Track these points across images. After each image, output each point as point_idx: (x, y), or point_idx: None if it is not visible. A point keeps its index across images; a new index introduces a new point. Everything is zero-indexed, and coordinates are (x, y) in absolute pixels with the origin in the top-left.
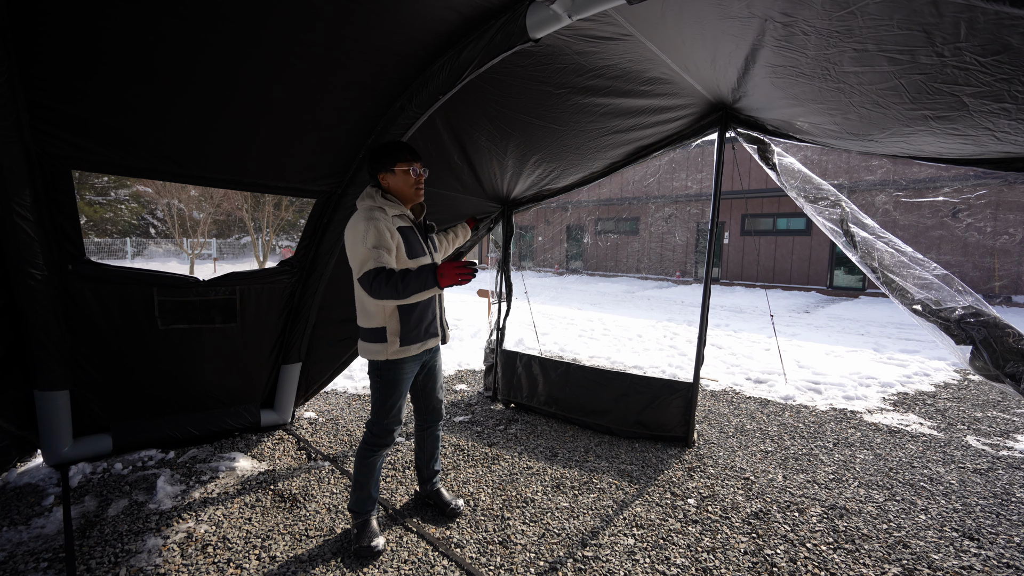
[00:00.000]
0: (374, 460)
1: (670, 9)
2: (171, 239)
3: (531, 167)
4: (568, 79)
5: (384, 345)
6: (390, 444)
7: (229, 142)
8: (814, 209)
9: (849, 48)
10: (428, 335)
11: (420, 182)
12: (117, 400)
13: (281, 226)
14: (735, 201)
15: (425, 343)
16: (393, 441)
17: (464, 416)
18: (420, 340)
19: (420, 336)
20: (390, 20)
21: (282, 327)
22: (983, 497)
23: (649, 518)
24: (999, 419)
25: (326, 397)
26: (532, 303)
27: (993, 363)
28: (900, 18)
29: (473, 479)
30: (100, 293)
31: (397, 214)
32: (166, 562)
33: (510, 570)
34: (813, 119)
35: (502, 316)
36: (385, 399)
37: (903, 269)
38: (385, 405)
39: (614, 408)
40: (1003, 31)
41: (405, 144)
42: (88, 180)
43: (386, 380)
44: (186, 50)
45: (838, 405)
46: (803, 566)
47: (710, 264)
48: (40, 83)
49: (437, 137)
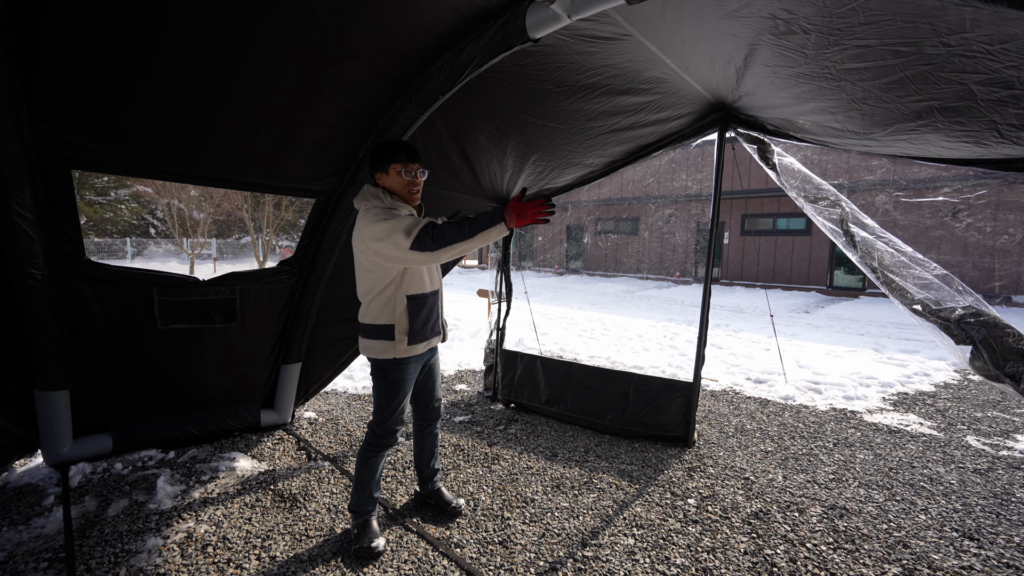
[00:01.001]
0: (376, 461)
1: (669, 9)
2: (171, 239)
3: (531, 166)
4: (568, 78)
5: (391, 343)
6: (393, 444)
7: (229, 142)
8: (814, 209)
9: (851, 45)
10: (433, 333)
11: (415, 185)
12: (117, 400)
13: (281, 226)
14: (735, 201)
15: (430, 341)
16: (396, 441)
17: (464, 416)
18: (427, 338)
19: (427, 334)
20: (390, 20)
21: (282, 327)
22: (983, 497)
23: (649, 518)
24: (999, 419)
25: (326, 397)
26: (532, 303)
27: (993, 363)
28: (903, 12)
29: (473, 479)
30: (100, 293)
31: (408, 214)
32: (166, 562)
33: (510, 570)
34: (814, 117)
35: (502, 316)
36: (390, 399)
37: (903, 269)
38: (389, 406)
39: (615, 408)
40: (1007, 24)
41: (403, 143)
42: (88, 180)
43: (391, 380)
44: (186, 50)
45: (838, 405)
46: (803, 566)
47: (710, 264)
48: (40, 82)
49: (437, 137)
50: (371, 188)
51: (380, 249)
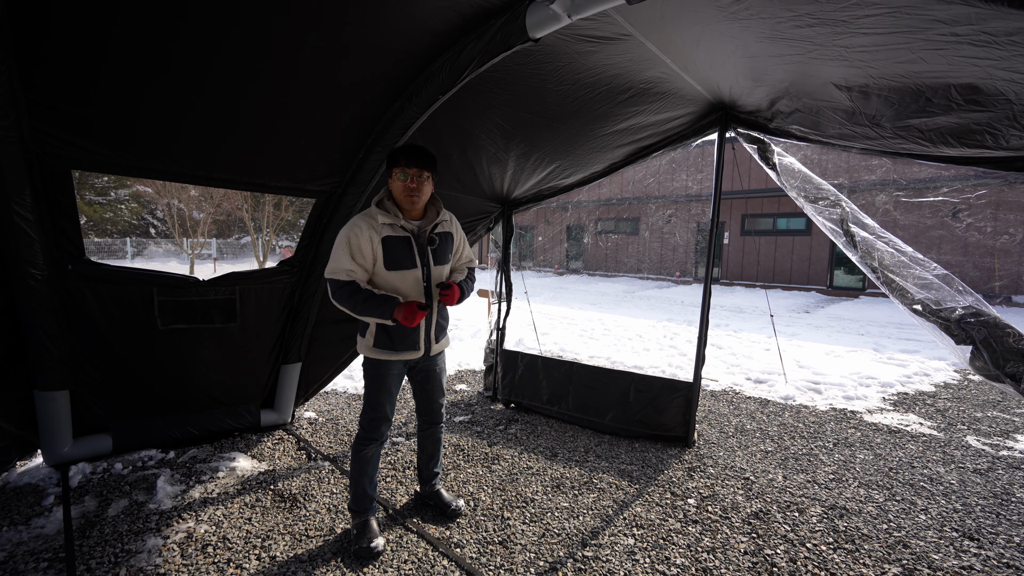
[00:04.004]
0: (366, 454)
1: (669, 9)
2: (171, 239)
3: (531, 166)
4: (568, 78)
5: (364, 341)
6: (380, 439)
7: (229, 142)
8: (814, 209)
9: (855, 43)
10: (405, 347)
11: (410, 189)
12: (117, 400)
13: (281, 226)
14: (735, 201)
15: (400, 354)
16: (383, 436)
17: (464, 416)
18: (394, 350)
19: (393, 346)
20: (390, 20)
21: (282, 327)
22: (983, 497)
23: (649, 518)
24: (999, 419)
25: (326, 397)
26: (532, 303)
27: (993, 363)
28: (905, 6)
29: (473, 479)
30: (100, 293)
31: (388, 223)
32: (166, 562)
33: (510, 570)
34: (818, 106)
35: (502, 316)
36: (370, 393)
37: (903, 269)
38: (370, 400)
39: (615, 408)
40: (1011, 19)
41: (405, 148)
42: (88, 180)
43: (370, 375)
44: (186, 50)
45: (838, 405)
46: (803, 566)
47: (710, 264)
48: (40, 82)
49: (437, 137)
50: (376, 196)
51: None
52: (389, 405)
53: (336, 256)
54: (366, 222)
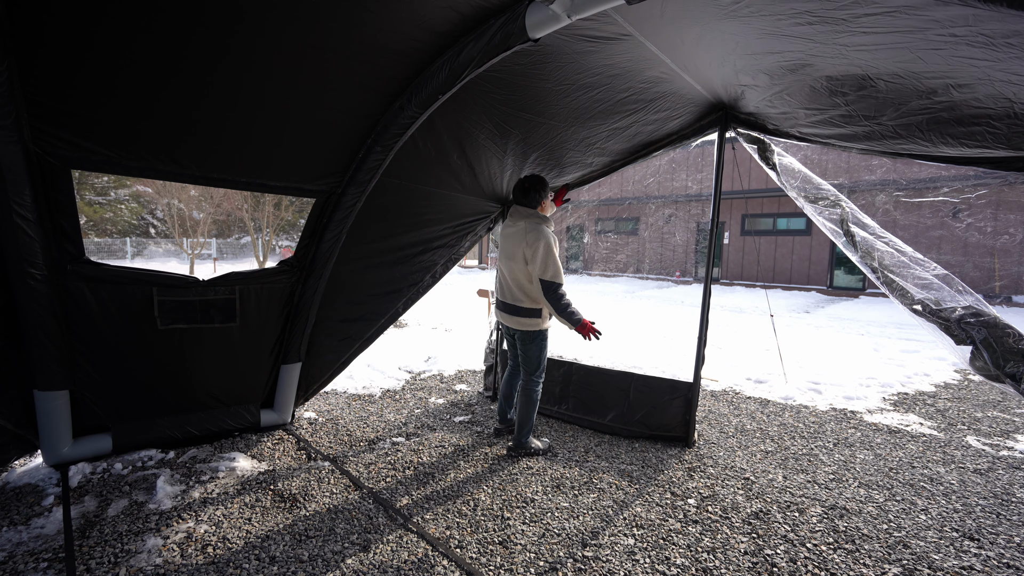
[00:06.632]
0: (539, 393)
1: (669, 8)
2: (171, 239)
3: (531, 166)
4: (567, 78)
5: (541, 319)
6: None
7: (229, 142)
8: (814, 209)
9: (855, 42)
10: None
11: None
12: (117, 400)
13: (281, 226)
14: (735, 201)
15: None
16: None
17: (464, 416)
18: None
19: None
20: (390, 19)
21: (282, 327)
22: (983, 497)
23: (649, 518)
24: (999, 419)
25: (326, 397)
26: None
27: (993, 363)
28: (903, 6)
29: (473, 479)
30: (100, 293)
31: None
32: (166, 562)
33: (510, 570)
34: (817, 105)
35: None
36: (544, 353)
37: (903, 269)
38: (543, 358)
39: (615, 408)
40: (1009, 20)
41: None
42: (88, 180)
43: (544, 342)
44: (187, 50)
45: (838, 405)
46: (803, 566)
47: (710, 264)
48: (41, 82)
49: (437, 137)
50: (536, 211)
51: (549, 266)
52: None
53: (556, 262)
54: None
